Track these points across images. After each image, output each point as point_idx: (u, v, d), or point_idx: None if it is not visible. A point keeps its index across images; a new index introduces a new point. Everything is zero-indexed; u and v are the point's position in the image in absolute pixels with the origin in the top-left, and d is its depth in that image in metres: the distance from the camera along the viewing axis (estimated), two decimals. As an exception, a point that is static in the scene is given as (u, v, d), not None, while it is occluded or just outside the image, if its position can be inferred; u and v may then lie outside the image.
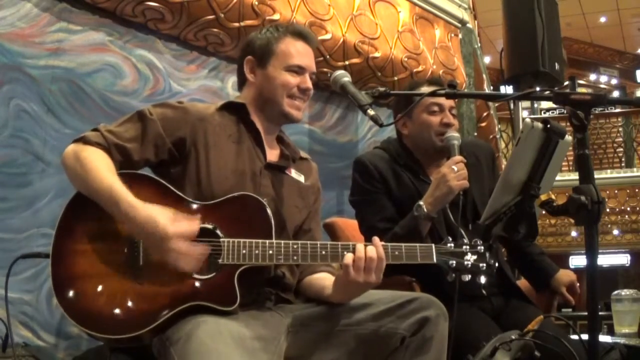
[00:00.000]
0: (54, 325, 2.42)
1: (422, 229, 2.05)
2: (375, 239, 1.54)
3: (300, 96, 1.75)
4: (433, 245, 1.60)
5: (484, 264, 1.59)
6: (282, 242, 1.53)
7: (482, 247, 1.60)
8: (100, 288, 1.42)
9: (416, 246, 1.59)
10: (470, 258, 1.59)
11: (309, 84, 1.76)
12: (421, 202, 2.04)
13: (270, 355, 1.46)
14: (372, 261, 1.50)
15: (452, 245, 1.61)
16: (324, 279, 1.67)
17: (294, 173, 1.78)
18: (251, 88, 1.78)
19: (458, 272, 1.59)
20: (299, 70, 1.74)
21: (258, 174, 1.68)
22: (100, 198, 1.45)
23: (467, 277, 1.59)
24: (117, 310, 1.41)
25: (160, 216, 1.40)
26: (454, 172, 2.03)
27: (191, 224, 1.42)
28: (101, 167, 1.49)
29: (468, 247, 1.60)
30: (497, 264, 1.63)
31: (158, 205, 1.44)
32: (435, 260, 1.58)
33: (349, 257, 1.50)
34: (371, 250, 1.51)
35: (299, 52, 1.76)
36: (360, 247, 1.51)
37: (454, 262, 1.59)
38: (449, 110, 2.23)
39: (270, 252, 1.50)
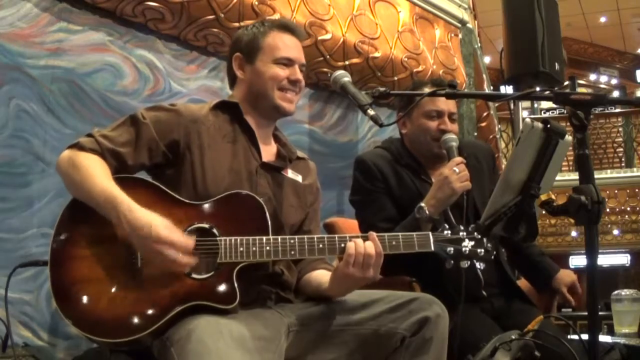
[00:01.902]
0: (54, 326, 2.41)
1: (423, 231, 2.05)
2: (372, 233, 1.54)
3: (291, 88, 1.74)
4: (430, 233, 1.60)
5: (482, 250, 1.59)
6: (279, 237, 1.53)
7: (479, 234, 1.60)
8: (99, 292, 1.42)
9: (413, 235, 1.59)
10: (467, 244, 1.59)
11: (299, 75, 1.75)
12: (423, 204, 2.04)
13: (270, 355, 1.46)
14: (370, 257, 1.50)
15: (449, 232, 1.61)
16: (323, 276, 1.67)
17: (290, 173, 1.78)
18: (242, 85, 1.77)
19: (456, 259, 1.58)
20: (287, 62, 1.74)
21: (254, 174, 1.67)
22: (97, 202, 1.45)
23: (466, 264, 1.59)
24: (116, 314, 1.41)
25: (155, 220, 1.41)
26: (455, 173, 2.03)
27: (186, 239, 1.42)
28: (97, 172, 1.49)
29: (465, 233, 1.60)
30: (495, 253, 1.63)
31: (157, 212, 1.44)
32: (432, 248, 1.58)
33: (351, 247, 1.50)
34: (369, 247, 1.51)
35: (287, 45, 1.75)
36: (359, 242, 1.51)
37: (452, 249, 1.59)
38: (449, 116, 2.24)
39: (268, 248, 1.50)
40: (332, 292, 1.61)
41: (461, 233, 1.60)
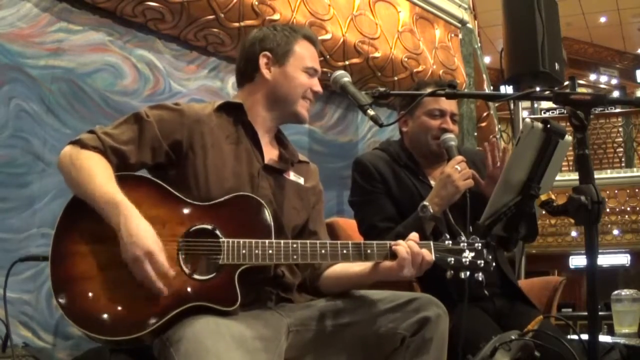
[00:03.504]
0: (54, 326, 2.41)
1: (426, 230, 2.05)
2: (414, 234, 1.58)
3: (311, 98, 1.77)
4: (431, 243, 1.60)
5: (482, 261, 1.59)
6: (282, 241, 1.53)
7: (480, 245, 1.60)
8: (100, 290, 1.42)
9: None
10: (467, 255, 1.59)
11: (320, 88, 1.78)
12: (426, 203, 2.04)
13: (270, 355, 1.46)
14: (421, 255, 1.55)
15: (450, 242, 1.61)
16: (349, 266, 1.67)
17: (292, 175, 1.78)
18: (262, 85, 1.75)
19: (456, 269, 1.59)
20: (313, 73, 1.76)
21: (256, 176, 1.67)
22: (97, 204, 1.44)
23: (465, 274, 1.59)
24: (117, 312, 1.41)
25: (151, 235, 1.40)
26: (458, 171, 2.04)
27: (168, 266, 1.41)
28: (99, 173, 1.48)
29: (466, 244, 1.60)
30: (494, 263, 1.63)
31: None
32: (433, 257, 1.59)
33: (404, 252, 1.53)
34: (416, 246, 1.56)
35: (313, 56, 1.79)
36: (412, 244, 1.55)
37: (452, 259, 1.59)
38: (451, 116, 2.24)
39: (270, 251, 1.50)
40: (368, 283, 1.65)
41: (462, 244, 1.61)
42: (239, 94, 1.81)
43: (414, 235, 1.59)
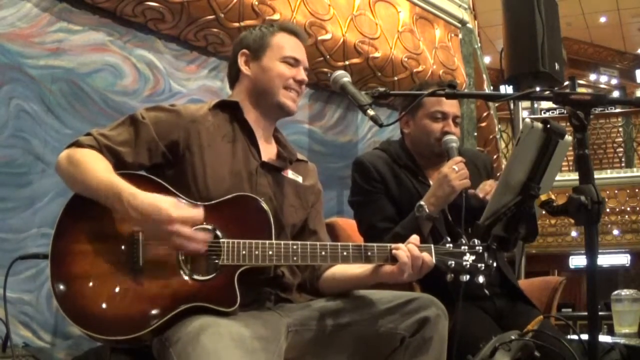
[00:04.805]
0: (54, 326, 2.42)
1: (423, 229, 2.05)
2: (414, 236, 1.58)
3: (296, 88, 1.75)
4: (432, 246, 1.60)
5: (482, 264, 1.59)
6: (282, 242, 1.53)
7: (481, 248, 1.60)
8: (99, 289, 1.42)
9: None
10: (468, 258, 1.59)
11: (304, 76, 1.77)
12: (422, 203, 2.04)
13: (270, 356, 1.46)
14: (421, 259, 1.55)
15: (451, 245, 1.61)
16: (350, 268, 1.67)
17: (290, 174, 1.78)
18: (245, 82, 1.77)
19: (456, 273, 1.59)
20: (294, 62, 1.75)
21: (254, 174, 1.67)
22: (99, 194, 1.44)
23: (466, 278, 1.59)
24: (116, 311, 1.40)
25: (163, 202, 1.39)
26: (455, 172, 2.04)
27: (195, 210, 1.42)
28: (97, 165, 1.48)
29: (467, 247, 1.60)
30: (495, 265, 1.63)
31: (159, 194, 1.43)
32: (434, 260, 1.59)
33: (404, 256, 1.53)
34: (416, 250, 1.56)
35: (293, 46, 1.78)
36: (413, 248, 1.55)
37: (453, 262, 1.59)
38: (453, 119, 2.23)
39: (270, 252, 1.50)
40: (368, 285, 1.65)
41: (463, 247, 1.60)
42: (232, 93, 1.83)
43: (415, 238, 1.59)
